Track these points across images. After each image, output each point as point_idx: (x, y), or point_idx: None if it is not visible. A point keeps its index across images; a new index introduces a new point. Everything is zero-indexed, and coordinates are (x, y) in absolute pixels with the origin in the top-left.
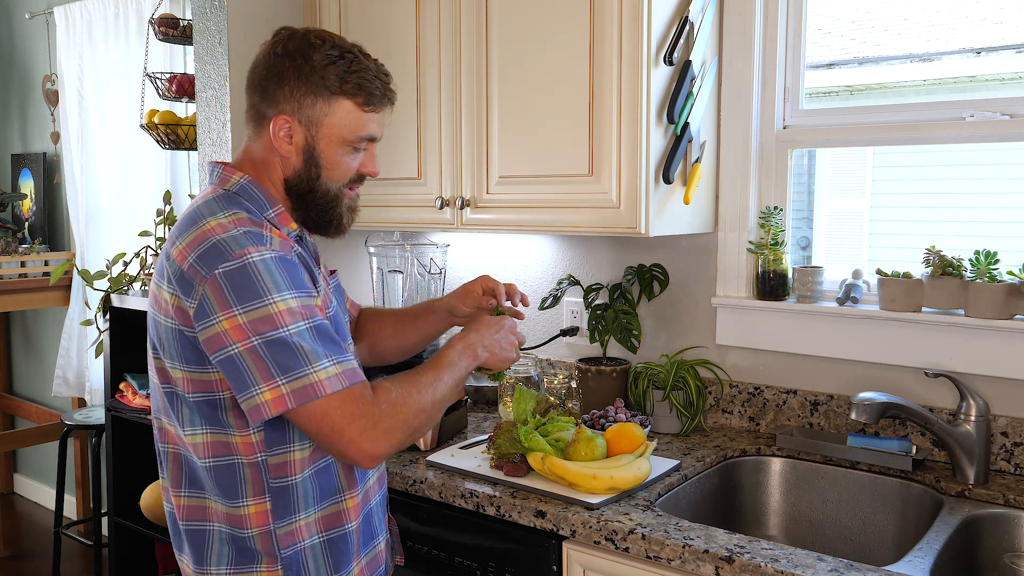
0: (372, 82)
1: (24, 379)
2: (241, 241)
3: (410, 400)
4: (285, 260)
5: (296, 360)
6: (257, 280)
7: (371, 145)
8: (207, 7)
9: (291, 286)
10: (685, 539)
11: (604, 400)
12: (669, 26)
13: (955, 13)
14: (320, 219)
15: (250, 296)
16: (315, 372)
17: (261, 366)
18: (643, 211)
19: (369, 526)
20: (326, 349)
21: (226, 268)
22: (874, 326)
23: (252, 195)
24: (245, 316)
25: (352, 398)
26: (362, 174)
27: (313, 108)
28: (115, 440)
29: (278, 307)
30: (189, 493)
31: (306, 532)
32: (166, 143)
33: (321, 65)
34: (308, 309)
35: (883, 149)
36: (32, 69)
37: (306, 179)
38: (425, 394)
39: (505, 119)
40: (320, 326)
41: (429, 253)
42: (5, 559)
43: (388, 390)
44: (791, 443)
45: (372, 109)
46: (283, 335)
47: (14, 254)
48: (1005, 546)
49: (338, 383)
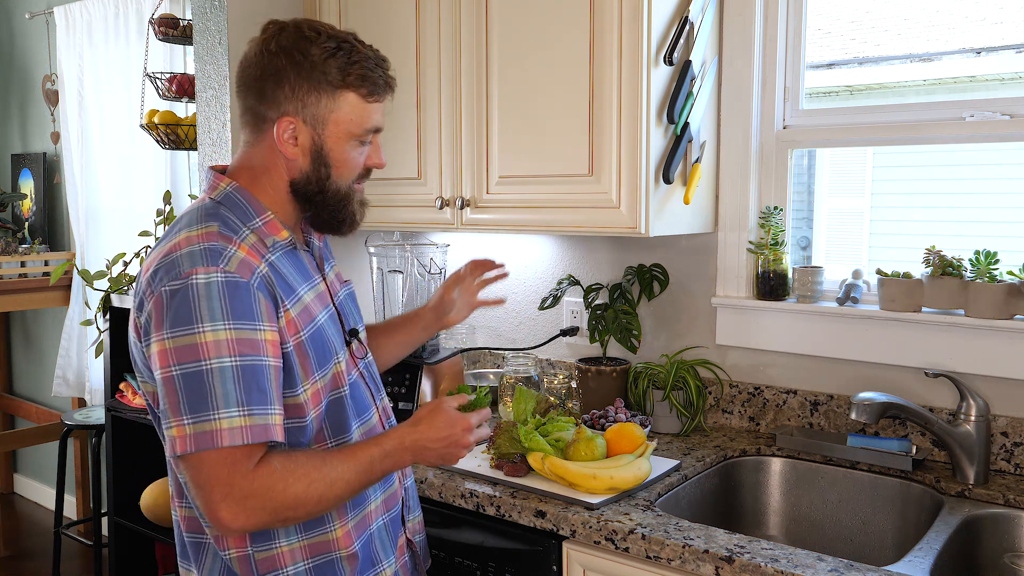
0: (374, 71)
1: (24, 379)
2: (194, 259)
3: (290, 491)
4: (235, 285)
5: (204, 401)
6: (193, 304)
7: (376, 136)
8: (207, 7)
9: (228, 316)
10: (685, 539)
11: (604, 400)
12: (669, 26)
13: (955, 13)
14: (333, 219)
15: (181, 321)
16: (217, 419)
17: (173, 400)
18: (643, 211)
19: (369, 552)
20: (244, 396)
21: (170, 287)
22: (874, 326)
23: (236, 203)
24: (172, 342)
25: (230, 462)
26: (369, 167)
27: (318, 106)
28: (115, 440)
29: (205, 337)
30: (185, 505)
31: (289, 559)
32: (166, 143)
33: (320, 59)
34: (242, 344)
35: (883, 149)
36: (32, 69)
37: (315, 180)
38: (314, 485)
39: (505, 119)
40: (249, 367)
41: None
42: (5, 559)
43: (273, 470)
44: (791, 443)
45: (376, 99)
46: (202, 368)
47: (14, 254)
48: (1005, 546)
49: (236, 437)
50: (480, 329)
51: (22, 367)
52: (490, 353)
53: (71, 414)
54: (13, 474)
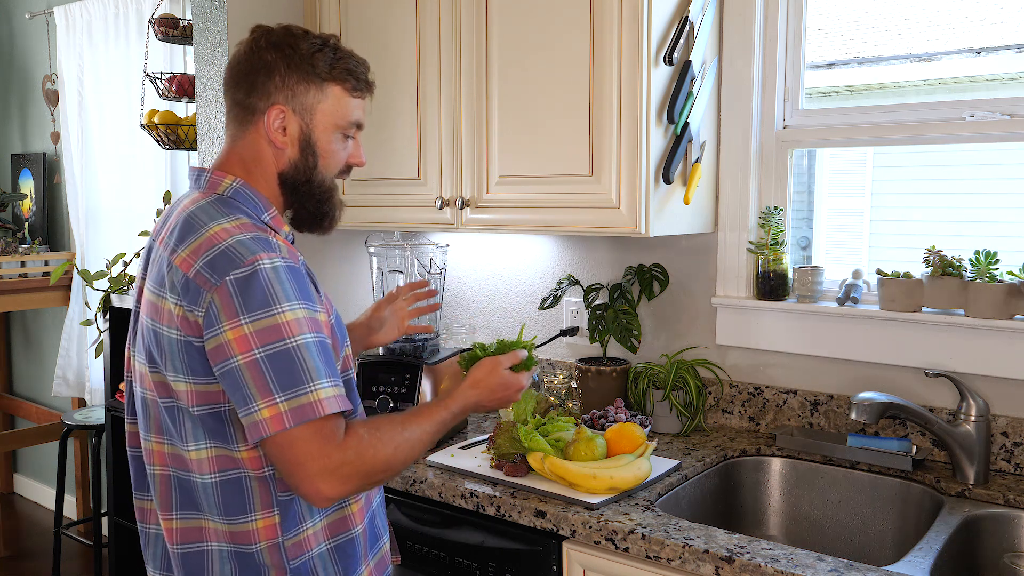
0: (357, 68)
1: (24, 379)
2: (251, 247)
3: (380, 455)
4: (294, 269)
5: (297, 376)
6: (267, 288)
7: (357, 134)
8: (207, 7)
9: (300, 296)
10: (685, 539)
11: (604, 400)
12: (669, 26)
13: (955, 13)
14: (316, 212)
15: (258, 305)
16: (315, 391)
17: (261, 382)
18: (643, 211)
19: (374, 527)
20: (328, 369)
21: (237, 275)
22: (874, 326)
23: (248, 199)
24: (252, 326)
25: (321, 434)
26: (350, 164)
27: (306, 96)
28: (115, 440)
29: (286, 317)
30: (182, 515)
31: (314, 541)
32: (166, 143)
33: (309, 53)
34: (314, 323)
35: (883, 149)
36: (32, 69)
37: (303, 169)
38: (399, 451)
39: (505, 119)
40: (323, 343)
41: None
42: (5, 559)
43: (360, 438)
44: (791, 443)
45: (359, 94)
46: (288, 347)
47: (14, 254)
48: (1005, 546)
49: (336, 405)
50: (480, 329)
51: (22, 367)
52: None
53: (71, 414)
54: (13, 474)
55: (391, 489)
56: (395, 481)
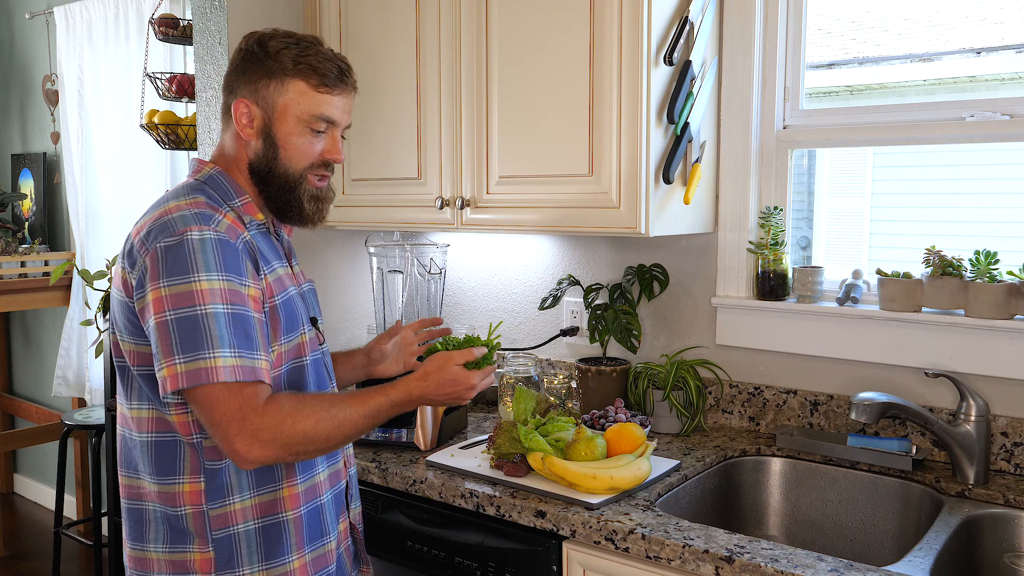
0: (324, 64)
1: (24, 379)
2: (187, 219)
3: (299, 426)
4: (225, 243)
5: (198, 341)
6: (189, 256)
7: (332, 130)
8: (207, 7)
9: (221, 268)
10: (685, 539)
11: (604, 400)
12: (669, 26)
13: (955, 13)
14: (281, 203)
15: (178, 271)
16: (213, 357)
17: (166, 342)
18: (643, 211)
19: (316, 522)
20: (234, 339)
21: (166, 243)
22: (874, 326)
23: (218, 184)
24: (168, 289)
25: (240, 397)
26: (326, 160)
27: (267, 89)
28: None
29: (200, 285)
30: (127, 473)
31: (240, 517)
32: (166, 143)
33: (275, 51)
34: (232, 294)
35: (883, 149)
36: (32, 69)
37: (265, 160)
38: (322, 423)
39: (505, 119)
40: (239, 315)
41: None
42: (5, 559)
43: (280, 407)
44: (791, 443)
45: (326, 90)
46: (196, 313)
47: (14, 254)
48: (1005, 546)
49: (231, 375)
50: (480, 329)
51: (22, 367)
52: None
53: (71, 414)
54: (13, 474)
55: (390, 489)
56: (395, 481)
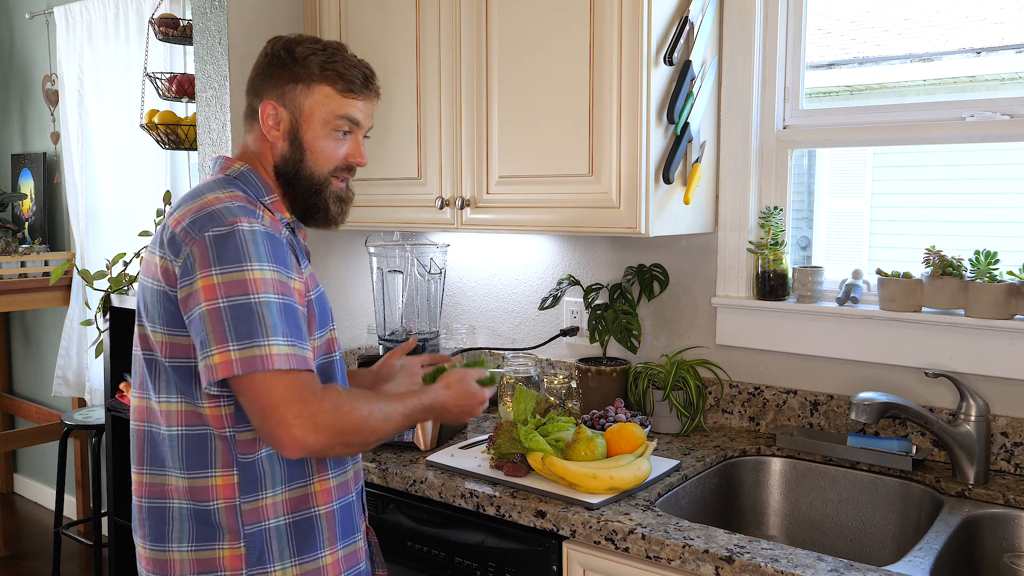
0: (350, 70)
1: (24, 379)
2: (235, 211)
3: (355, 413)
4: (272, 236)
5: (253, 328)
6: (241, 246)
7: (356, 131)
8: (207, 7)
9: (272, 259)
10: (685, 539)
11: (604, 400)
12: (669, 26)
13: (955, 13)
14: (307, 205)
15: (230, 259)
16: (268, 345)
17: (219, 329)
18: (643, 211)
19: (348, 518)
20: (287, 328)
21: (216, 232)
22: (874, 326)
23: (250, 181)
24: (220, 277)
25: (298, 382)
26: (349, 163)
27: (295, 92)
28: (115, 440)
29: (254, 274)
30: (151, 470)
31: (272, 512)
32: (166, 143)
33: (303, 57)
34: (283, 286)
35: (883, 149)
36: (32, 69)
37: (292, 162)
38: (373, 417)
39: (505, 119)
40: (289, 306)
41: (429, 253)
42: (5, 559)
43: (338, 394)
44: (791, 443)
45: (352, 95)
46: (250, 301)
47: (14, 254)
48: (1005, 546)
49: (286, 363)
50: (480, 329)
51: (22, 367)
52: (490, 353)
53: (71, 414)
54: (13, 474)
55: (390, 489)
56: (395, 480)
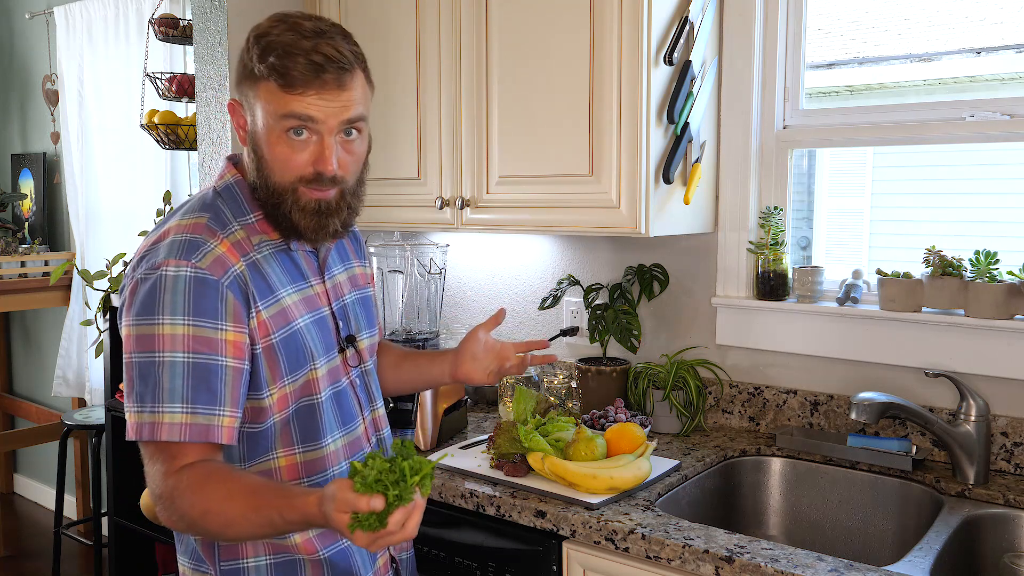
0: (292, 60)
1: (24, 379)
2: (171, 250)
3: (187, 510)
4: (202, 282)
5: (151, 392)
6: (158, 296)
7: (320, 134)
8: (207, 7)
9: (189, 312)
10: (685, 539)
11: (604, 400)
12: (669, 26)
13: (955, 13)
14: (273, 219)
15: (144, 310)
16: (160, 412)
17: (129, 386)
18: (643, 211)
19: (347, 563)
20: (191, 393)
21: (143, 275)
22: (874, 326)
23: (234, 196)
24: (135, 329)
25: (161, 458)
26: (317, 171)
27: (247, 92)
28: (115, 440)
29: (163, 330)
30: None
31: (251, 550)
32: (166, 143)
33: (253, 48)
34: (198, 342)
35: (883, 149)
36: (32, 69)
37: (255, 171)
38: (211, 520)
39: (505, 119)
40: (201, 365)
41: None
42: (5, 559)
43: (179, 482)
44: (791, 443)
45: (296, 91)
46: (154, 360)
47: (14, 254)
48: (1005, 546)
49: (177, 433)
50: None
51: (22, 367)
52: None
53: (71, 414)
54: (13, 474)
55: None
56: None
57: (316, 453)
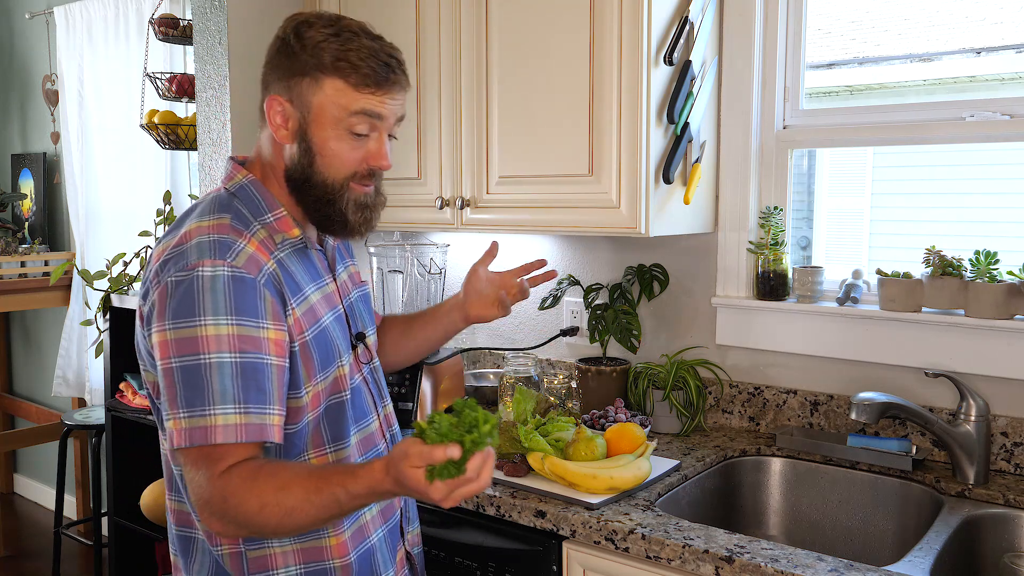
0: (366, 60)
1: (24, 379)
2: (202, 251)
3: (243, 507)
4: (241, 281)
5: (200, 396)
6: (197, 297)
7: (378, 131)
8: (207, 7)
9: (232, 311)
10: (685, 539)
11: (604, 400)
12: (669, 26)
13: (955, 13)
14: (321, 215)
15: (183, 313)
16: (212, 415)
17: (172, 393)
18: (643, 211)
19: (369, 564)
20: (242, 393)
21: (175, 278)
22: (874, 326)
23: (250, 197)
24: (173, 333)
25: (205, 463)
26: (371, 167)
27: (302, 88)
28: (115, 440)
29: (207, 331)
30: (177, 498)
31: (281, 561)
32: (166, 143)
33: (312, 43)
34: (243, 341)
35: (883, 149)
36: (32, 69)
37: (301, 167)
38: (270, 512)
39: (505, 119)
40: (250, 365)
41: (429, 253)
42: (5, 559)
43: (230, 482)
44: (791, 443)
45: (368, 89)
46: (201, 363)
47: (14, 254)
48: (1005, 546)
49: (233, 435)
50: (480, 329)
51: (22, 367)
52: (490, 353)
53: (71, 414)
54: (13, 474)
55: None
56: None
57: (342, 452)
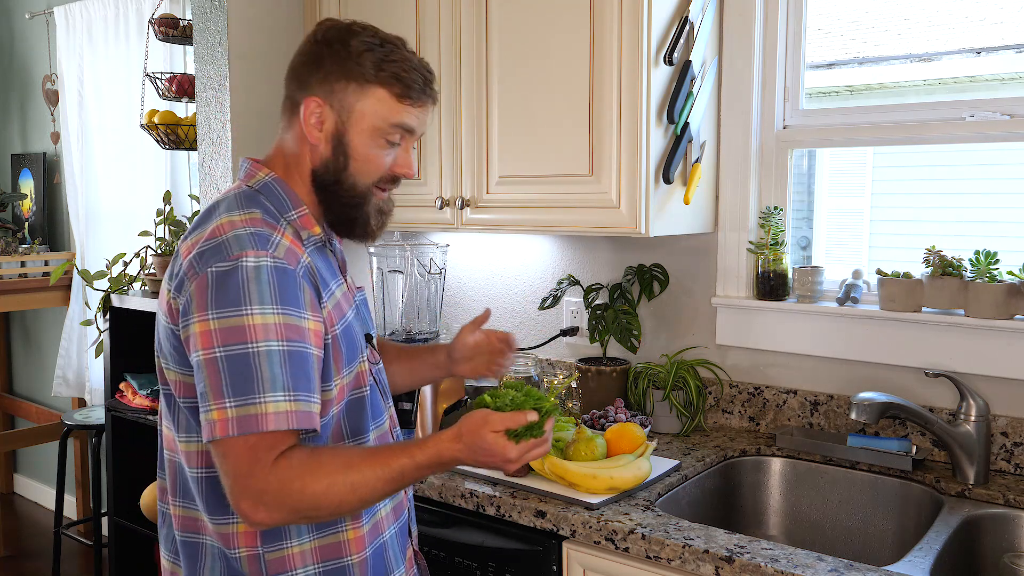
0: (410, 73)
1: (24, 379)
2: (243, 242)
3: (309, 487)
4: (283, 271)
5: (249, 384)
6: (243, 286)
7: (407, 141)
8: (207, 7)
9: (277, 301)
10: (685, 539)
11: (604, 400)
12: (669, 26)
13: (955, 13)
14: (345, 217)
15: (229, 302)
16: (264, 403)
17: (216, 382)
18: (643, 211)
19: (382, 561)
20: (291, 381)
21: (218, 268)
22: (874, 326)
23: (274, 194)
24: (217, 322)
25: (253, 453)
26: (395, 174)
27: (345, 93)
28: (115, 440)
29: (254, 320)
30: (184, 504)
31: (299, 561)
32: (166, 143)
33: (358, 51)
34: (289, 330)
35: (883, 149)
36: (32, 69)
37: (333, 169)
38: (335, 488)
39: (505, 119)
40: (296, 353)
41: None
42: (5, 559)
43: (290, 466)
44: (791, 443)
45: (409, 101)
46: (248, 351)
47: (14, 254)
48: (1005, 546)
49: (284, 422)
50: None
51: (22, 367)
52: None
53: (71, 414)
54: (13, 474)
55: None
56: None
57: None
